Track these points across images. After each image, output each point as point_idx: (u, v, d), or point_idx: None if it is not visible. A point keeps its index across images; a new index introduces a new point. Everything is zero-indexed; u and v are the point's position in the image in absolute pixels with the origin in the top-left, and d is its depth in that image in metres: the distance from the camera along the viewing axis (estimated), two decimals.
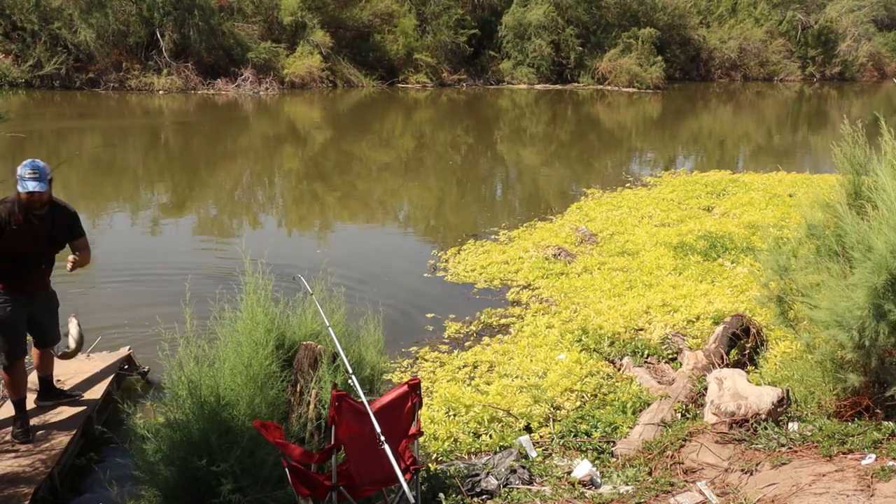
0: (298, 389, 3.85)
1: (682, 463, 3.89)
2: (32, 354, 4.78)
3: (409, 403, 3.38)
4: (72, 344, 5.20)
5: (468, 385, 5.29)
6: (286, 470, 3.23)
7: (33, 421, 4.53)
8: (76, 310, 5.68)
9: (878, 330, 3.61)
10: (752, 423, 4.03)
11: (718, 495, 3.49)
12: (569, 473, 4.05)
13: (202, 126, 20.41)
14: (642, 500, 3.57)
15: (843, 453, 3.61)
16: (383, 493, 3.42)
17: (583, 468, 4.02)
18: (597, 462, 4.24)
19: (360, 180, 14.43)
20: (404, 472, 3.19)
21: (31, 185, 4.14)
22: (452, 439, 4.56)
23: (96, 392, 5.00)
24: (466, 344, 6.28)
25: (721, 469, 3.77)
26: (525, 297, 7.39)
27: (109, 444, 4.73)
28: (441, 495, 3.68)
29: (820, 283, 4.03)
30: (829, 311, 3.80)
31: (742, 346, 5.53)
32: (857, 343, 3.70)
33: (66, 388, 5.01)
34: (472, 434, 4.63)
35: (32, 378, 5.15)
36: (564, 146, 19.98)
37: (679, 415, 4.61)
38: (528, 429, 4.73)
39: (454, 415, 4.81)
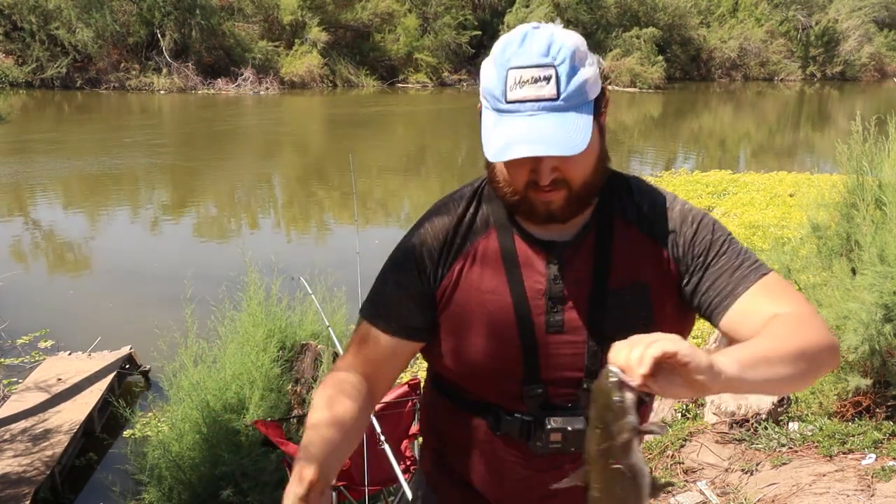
0: (299, 390, 3.85)
1: (683, 463, 3.89)
2: None
3: (410, 403, 3.39)
4: None
5: None
6: (287, 470, 3.23)
7: (33, 420, 4.53)
8: (76, 308, 5.68)
9: (883, 332, 3.60)
10: (752, 423, 4.03)
11: (719, 495, 3.49)
12: None
13: (202, 126, 20.41)
14: None
15: (844, 453, 3.61)
16: (383, 494, 3.42)
17: None
18: None
19: (359, 180, 14.43)
20: (404, 472, 3.19)
21: (525, 115, 1.10)
22: None
23: (97, 391, 4.99)
24: None
25: (721, 469, 3.77)
26: None
27: (110, 444, 4.73)
28: None
29: (824, 282, 4.02)
30: (833, 312, 3.80)
31: None
32: (862, 344, 3.69)
33: (66, 386, 5.00)
34: None
35: (33, 378, 5.16)
36: None
37: (679, 415, 4.61)
38: None
39: None
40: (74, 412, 4.70)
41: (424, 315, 1.27)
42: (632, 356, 0.91)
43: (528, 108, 1.09)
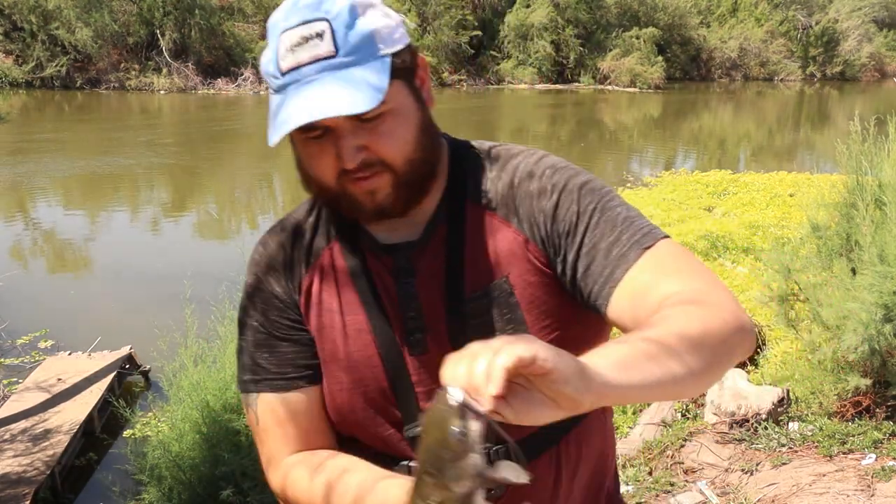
0: None
1: (683, 463, 3.89)
2: None
3: None
4: None
5: None
6: None
7: (33, 420, 4.53)
8: (76, 308, 5.69)
9: (883, 332, 3.60)
10: (752, 423, 4.03)
11: (719, 495, 3.49)
12: None
13: (202, 126, 20.41)
14: (642, 500, 3.57)
15: (844, 453, 3.61)
16: None
17: None
18: None
19: None
20: None
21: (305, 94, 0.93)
22: None
23: (97, 391, 5.00)
24: None
25: (721, 469, 3.77)
26: None
27: (110, 444, 4.73)
28: None
29: (825, 282, 4.03)
30: (833, 312, 3.80)
31: None
32: (862, 344, 3.69)
33: (66, 386, 5.01)
34: None
35: (33, 378, 5.16)
36: (565, 145, 19.98)
37: (679, 415, 4.61)
38: None
39: None
40: (74, 412, 4.70)
41: (309, 347, 1.05)
42: (475, 371, 0.65)
43: (305, 73, 0.90)
